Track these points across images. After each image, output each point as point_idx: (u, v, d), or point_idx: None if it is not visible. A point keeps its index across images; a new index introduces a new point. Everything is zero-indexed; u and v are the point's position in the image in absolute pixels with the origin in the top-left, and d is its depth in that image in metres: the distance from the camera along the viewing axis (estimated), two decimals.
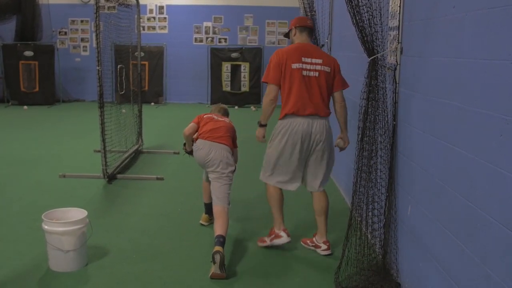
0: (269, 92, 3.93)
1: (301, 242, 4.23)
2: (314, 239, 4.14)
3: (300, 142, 3.87)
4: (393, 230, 3.44)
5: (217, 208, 3.94)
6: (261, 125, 4.07)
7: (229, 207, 3.99)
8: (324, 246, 4.04)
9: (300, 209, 5.02)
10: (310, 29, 4.16)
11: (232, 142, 4.23)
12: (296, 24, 4.11)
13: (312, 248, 4.12)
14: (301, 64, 3.87)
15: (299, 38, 4.09)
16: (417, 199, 3.07)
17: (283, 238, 4.04)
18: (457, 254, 2.48)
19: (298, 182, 4.04)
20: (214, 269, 3.53)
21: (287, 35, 4.29)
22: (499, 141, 2.10)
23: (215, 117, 4.29)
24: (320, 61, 3.92)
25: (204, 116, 4.28)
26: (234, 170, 4.13)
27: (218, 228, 3.78)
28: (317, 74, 3.89)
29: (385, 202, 3.49)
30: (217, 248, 3.59)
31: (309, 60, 3.90)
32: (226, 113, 4.52)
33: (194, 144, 4.17)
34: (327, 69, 3.93)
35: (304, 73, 3.87)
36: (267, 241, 4.13)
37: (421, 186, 3.01)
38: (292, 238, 4.10)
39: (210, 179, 4.11)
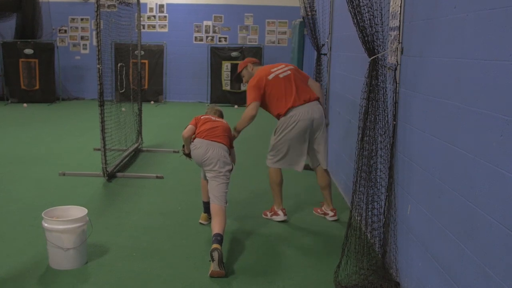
0: (253, 107, 4.52)
1: (313, 211, 4.95)
2: (322, 208, 4.86)
3: (305, 126, 4.49)
4: (393, 229, 3.44)
5: (214, 207, 3.95)
6: (238, 132, 4.57)
7: (226, 206, 4.00)
8: (331, 213, 4.77)
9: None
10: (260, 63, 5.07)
11: (229, 142, 4.26)
12: (250, 61, 4.93)
13: (322, 215, 4.84)
14: (274, 73, 4.64)
15: (257, 67, 4.84)
16: (417, 199, 3.08)
17: (280, 217, 4.71)
18: (457, 254, 2.49)
19: (303, 163, 4.65)
20: (213, 267, 3.54)
21: (238, 75, 4.94)
22: (499, 141, 2.11)
23: (212, 117, 4.34)
24: (283, 66, 4.77)
25: (201, 117, 4.33)
26: (231, 169, 4.15)
27: (216, 227, 3.79)
28: (289, 72, 4.68)
29: (384, 201, 3.50)
30: (215, 245, 3.61)
31: (276, 68, 4.70)
32: (221, 115, 4.58)
33: (192, 143, 4.19)
34: (291, 67, 4.79)
35: (281, 75, 4.63)
36: (268, 215, 4.79)
37: (421, 186, 3.02)
38: (292, 234, 4.08)
39: (207, 178, 4.12)
